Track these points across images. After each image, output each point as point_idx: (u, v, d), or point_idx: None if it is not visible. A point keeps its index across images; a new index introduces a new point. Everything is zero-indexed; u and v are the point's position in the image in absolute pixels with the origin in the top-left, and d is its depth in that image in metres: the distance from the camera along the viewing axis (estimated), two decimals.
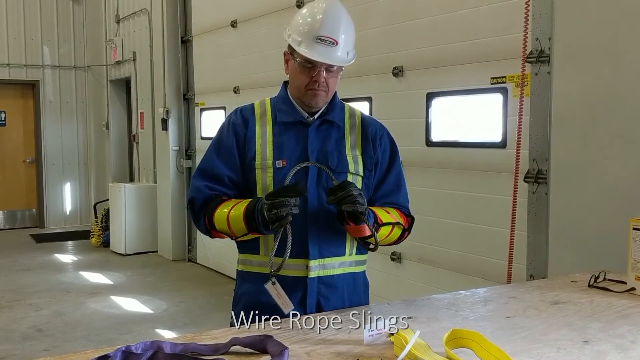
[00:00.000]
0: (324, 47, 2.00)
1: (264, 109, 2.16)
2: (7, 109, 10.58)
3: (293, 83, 2.11)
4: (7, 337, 5.22)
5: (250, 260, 2.13)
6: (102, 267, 7.98)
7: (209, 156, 2.16)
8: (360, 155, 2.14)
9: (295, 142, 2.09)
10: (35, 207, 10.80)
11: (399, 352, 1.48)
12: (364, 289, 2.24)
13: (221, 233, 2.05)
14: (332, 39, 2.01)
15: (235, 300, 2.20)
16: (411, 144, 4.70)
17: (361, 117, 2.23)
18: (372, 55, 5.03)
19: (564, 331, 1.75)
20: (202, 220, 2.08)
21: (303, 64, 2.03)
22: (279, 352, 1.49)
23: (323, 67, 2.02)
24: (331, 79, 2.07)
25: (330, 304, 2.08)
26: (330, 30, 2.01)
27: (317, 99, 2.07)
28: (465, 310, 1.97)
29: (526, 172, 3.71)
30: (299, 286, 2.06)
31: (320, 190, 2.04)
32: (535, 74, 3.63)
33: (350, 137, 2.15)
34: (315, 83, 2.03)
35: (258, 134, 2.10)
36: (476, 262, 4.20)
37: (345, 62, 2.07)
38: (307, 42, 2.01)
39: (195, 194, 2.11)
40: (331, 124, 2.14)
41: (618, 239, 2.52)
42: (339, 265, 2.11)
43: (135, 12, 9.22)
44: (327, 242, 2.07)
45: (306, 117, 2.12)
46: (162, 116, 8.38)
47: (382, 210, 2.10)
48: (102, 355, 1.48)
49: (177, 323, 5.63)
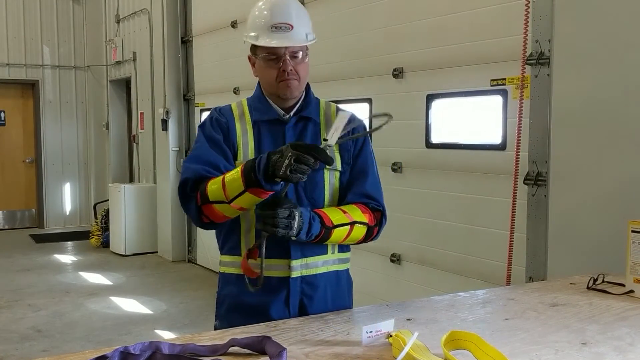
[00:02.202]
0: (281, 33, 2.01)
1: (242, 109, 2.15)
2: (7, 108, 10.58)
3: (264, 80, 2.11)
4: (6, 338, 5.22)
5: (232, 262, 2.10)
6: (101, 267, 7.97)
7: (201, 147, 2.08)
8: (337, 150, 2.12)
9: (273, 140, 2.07)
10: (35, 208, 10.80)
11: (397, 354, 1.49)
12: (348, 287, 2.22)
13: (214, 204, 1.93)
14: (287, 24, 2.02)
15: (219, 302, 2.18)
16: (411, 146, 4.71)
17: (336, 111, 2.19)
18: (372, 57, 5.04)
19: (563, 333, 1.75)
20: (193, 199, 1.98)
21: (266, 57, 2.03)
22: (278, 353, 1.49)
23: (287, 55, 2.02)
24: (299, 66, 2.05)
25: (314, 303, 2.07)
26: (282, 16, 2.02)
27: (290, 88, 2.05)
28: (464, 312, 1.97)
29: (526, 174, 3.71)
30: (282, 286, 2.04)
31: (299, 189, 2.02)
32: (535, 76, 3.63)
33: (326, 132, 2.10)
34: (284, 73, 2.02)
35: (239, 134, 2.09)
36: (475, 263, 4.20)
37: (305, 42, 2.06)
38: (263, 33, 2.02)
39: (189, 175, 2.01)
40: (307, 120, 2.13)
41: (617, 241, 2.51)
42: (322, 264, 2.09)
43: (136, 12, 9.23)
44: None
45: (282, 115, 2.11)
46: (162, 117, 8.39)
47: (336, 210, 2.02)
48: (100, 356, 1.48)
49: (176, 324, 5.63)
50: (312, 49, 2.15)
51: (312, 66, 2.18)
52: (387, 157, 4.86)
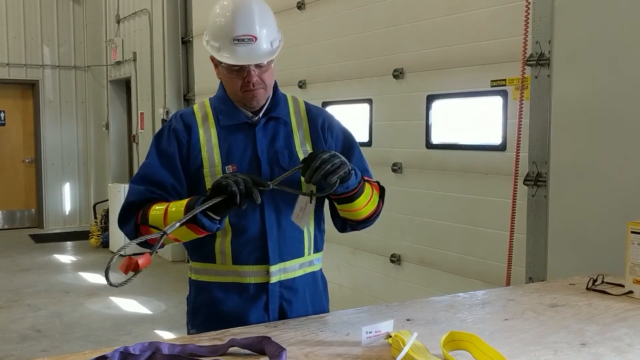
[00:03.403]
0: (244, 46, 1.88)
1: (205, 112, 2.04)
2: (7, 108, 10.58)
3: (227, 88, 2.01)
4: (6, 338, 5.22)
5: (206, 270, 2.02)
6: (101, 267, 7.93)
7: (150, 163, 1.98)
8: (311, 149, 2.03)
9: (244, 145, 1.98)
10: (35, 207, 10.80)
11: (396, 354, 1.49)
12: (324, 287, 2.17)
13: (151, 228, 1.85)
14: (250, 36, 1.88)
15: (194, 311, 2.09)
16: (411, 146, 4.71)
17: (306, 109, 2.11)
18: (373, 57, 5.04)
19: (562, 334, 1.76)
20: (133, 218, 1.91)
21: (229, 67, 1.93)
22: (277, 354, 1.49)
23: (251, 66, 1.91)
24: (265, 74, 1.95)
25: (293, 307, 2.02)
26: (245, 28, 1.88)
27: (257, 98, 1.96)
28: (464, 313, 1.97)
29: (526, 175, 3.71)
30: (261, 293, 1.98)
31: (275, 193, 1.89)
32: (535, 77, 3.63)
33: (298, 133, 2.05)
34: (248, 84, 1.92)
35: (202, 140, 1.98)
36: (475, 264, 4.20)
37: (271, 54, 1.93)
38: (225, 46, 1.90)
39: (134, 198, 1.94)
40: (277, 120, 2.03)
41: (616, 242, 2.52)
42: (299, 267, 2.04)
43: (136, 12, 9.23)
44: (286, 244, 1.99)
45: (251, 117, 2.01)
46: (162, 117, 8.38)
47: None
48: (100, 356, 1.49)
49: (176, 324, 5.63)
50: (312, 49, 2.13)
51: (312, 66, 2.17)
52: (387, 157, 4.86)
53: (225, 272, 1.99)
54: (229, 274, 1.99)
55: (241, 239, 1.96)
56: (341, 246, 5.28)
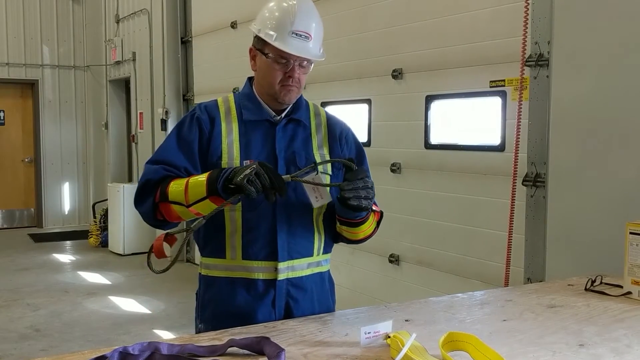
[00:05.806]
0: (299, 41, 1.96)
1: (228, 106, 2.09)
2: (6, 108, 10.57)
3: (265, 79, 2.03)
4: (5, 337, 5.22)
5: (215, 265, 2.05)
6: (100, 267, 7.97)
7: (167, 146, 2.04)
8: (328, 154, 2.10)
9: (263, 142, 2.03)
10: (34, 207, 10.79)
11: (395, 355, 1.49)
12: (331, 288, 2.20)
13: (172, 204, 1.90)
14: (307, 33, 1.97)
15: (202, 306, 2.12)
16: (410, 147, 4.71)
17: (326, 117, 2.18)
18: (372, 58, 5.04)
19: (560, 334, 1.76)
20: (151, 196, 1.93)
21: (276, 59, 1.97)
22: (276, 354, 1.49)
23: (297, 62, 1.98)
24: (303, 75, 2.02)
25: (300, 306, 2.04)
26: (304, 25, 1.98)
27: (290, 94, 2.02)
28: (462, 313, 1.98)
29: (524, 176, 3.72)
30: (269, 289, 2.01)
31: (289, 190, 1.96)
32: (534, 78, 3.64)
33: (317, 136, 2.11)
34: (289, 78, 1.98)
35: (224, 132, 2.03)
36: (474, 264, 4.21)
37: (319, 56, 2.03)
38: (282, 36, 1.95)
39: (151, 175, 1.96)
40: (297, 123, 2.09)
41: (615, 243, 2.52)
42: (307, 266, 2.07)
43: (135, 12, 9.23)
44: (296, 243, 2.03)
45: (273, 116, 2.06)
46: (162, 116, 8.39)
47: None
48: (99, 356, 1.49)
49: (175, 324, 5.63)
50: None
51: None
52: (386, 157, 4.87)
53: (235, 267, 2.02)
54: (238, 269, 2.02)
55: (252, 235, 1.99)
56: (340, 246, 5.27)
